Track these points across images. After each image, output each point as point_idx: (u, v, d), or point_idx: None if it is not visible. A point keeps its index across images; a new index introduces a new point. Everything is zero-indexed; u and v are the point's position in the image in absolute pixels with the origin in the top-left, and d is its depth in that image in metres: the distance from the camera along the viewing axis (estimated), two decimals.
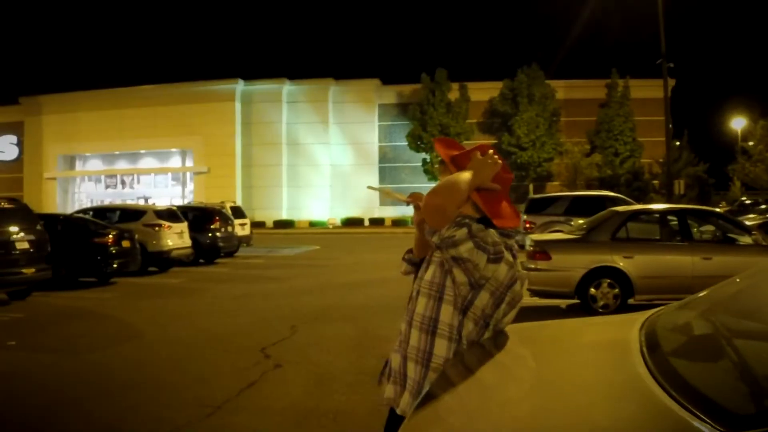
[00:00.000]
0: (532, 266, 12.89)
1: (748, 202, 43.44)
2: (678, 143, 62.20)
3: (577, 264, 12.69)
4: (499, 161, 3.20)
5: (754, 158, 61.44)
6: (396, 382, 3.23)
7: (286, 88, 67.27)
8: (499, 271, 3.00)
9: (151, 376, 8.76)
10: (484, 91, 63.87)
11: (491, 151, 3.24)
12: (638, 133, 61.30)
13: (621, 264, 12.60)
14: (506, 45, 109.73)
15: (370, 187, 4.19)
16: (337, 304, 14.77)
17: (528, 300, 13.56)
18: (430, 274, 3.18)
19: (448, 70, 62.21)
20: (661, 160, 58.02)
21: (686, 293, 12.37)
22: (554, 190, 51.03)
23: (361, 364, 9.16)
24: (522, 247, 14.62)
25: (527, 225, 24.17)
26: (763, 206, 36.27)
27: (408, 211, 62.14)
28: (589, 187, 50.52)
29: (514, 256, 3.10)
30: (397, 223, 61.23)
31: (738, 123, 67.45)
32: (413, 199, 3.39)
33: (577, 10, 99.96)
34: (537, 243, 13.35)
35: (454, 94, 62.11)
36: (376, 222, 62.84)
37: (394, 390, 3.22)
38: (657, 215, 14.12)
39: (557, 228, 22.18)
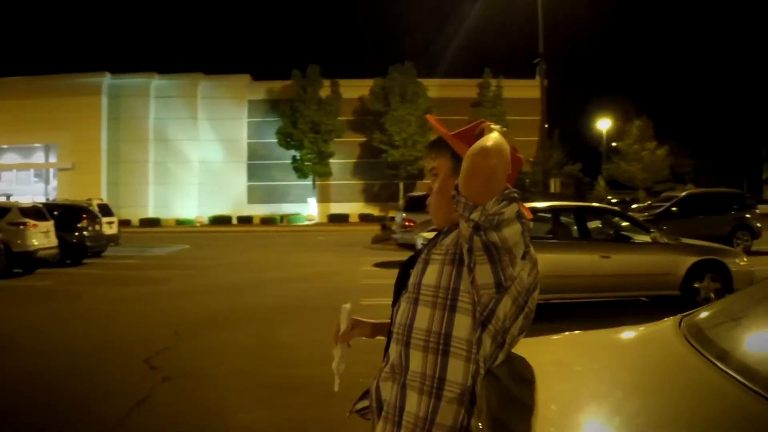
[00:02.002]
0: None
1: (614, 201, 44.57)
2: (548, 143, 63.58)
3: None
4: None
5: (629, 157, 63.23)
6: (389, 419, 2.42)
7: (155, 82, 65.56)
8: (526, 270, 2.29)
9: (30, 395, 7.73)
10: (356, 89, 63.79)
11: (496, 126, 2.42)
12: (511, 133, 62.14)
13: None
14: (379, 43, 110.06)
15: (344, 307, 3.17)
16: (222, 308, 13.95)
17: None
18: (432, 276, 2.39)
19: (320, 66, 61.82)
20: (531, 159, 59.14)
21: (584, 292, 12.22)
22: (425, 188, 50.85)
23: (261, 376, 8.42)
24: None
25: (407, 223, 23.87)
26: (641, 204, 37.02)
27: (275, 209, 61.76)
28: None
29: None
30: (267, 221, 60.43)
31: (604, 124, 69.18)
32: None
33: (452, 10, 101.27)
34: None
35: (325, 91, 61.98)
36: (245, 220, 61.75)
37: (387, 430, 2.41)
38: (554, 213, 13.90)
39: None
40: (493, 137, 2.19)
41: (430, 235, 13.96)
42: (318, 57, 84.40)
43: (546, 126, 33.26)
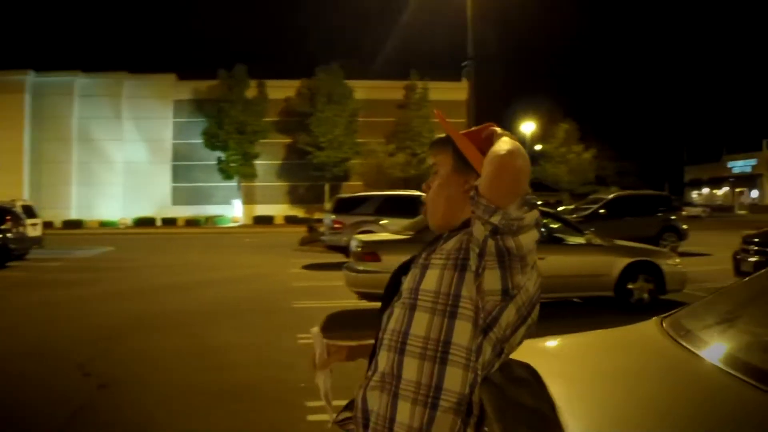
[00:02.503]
0: (361, 268, 12.37)
1: (538, 203, 45.09)
2: None
3: None
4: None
5: (555, 160, 63.87)
6: (377, 430, 2.30)
7: (79, 80, 64.44)
8: (532, 279, 2.18)
9: None
10: (283, 90, 63.59)
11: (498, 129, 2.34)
12: (436, 135, 62.45)
13: None
14: (306, 44, 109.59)
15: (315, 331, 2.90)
16: (153, 311, 13.65)
17: (355, 303, 13.14)
18: (432, 281, 2.27)
19: (247, 66, 61.34)
20: None
21: None
22: (351, 190, 50.86)
23: (200, 382, 8.22)
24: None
25: (336, 225, 23.76)
26: (567, 206, 37.43)
27: (200, 211, 61.17)
28: (395, 188, 50.87)
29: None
30: (191, 223, 59.82)
31: (528, 127, 69.83)
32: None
33: (379, 12, 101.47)
34: (366, 244, 12.81)
35: (252, 92, 61.56)
36: (169, 222, 60.98)
37: None
38: None
39: (367, 228, 21.77)
40: (512, 141, 2.14)
41: (365, 236, 13.95)
42: (245, 57, 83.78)
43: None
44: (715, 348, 2.52)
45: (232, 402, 7.25)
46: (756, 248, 15.46)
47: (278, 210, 64.01)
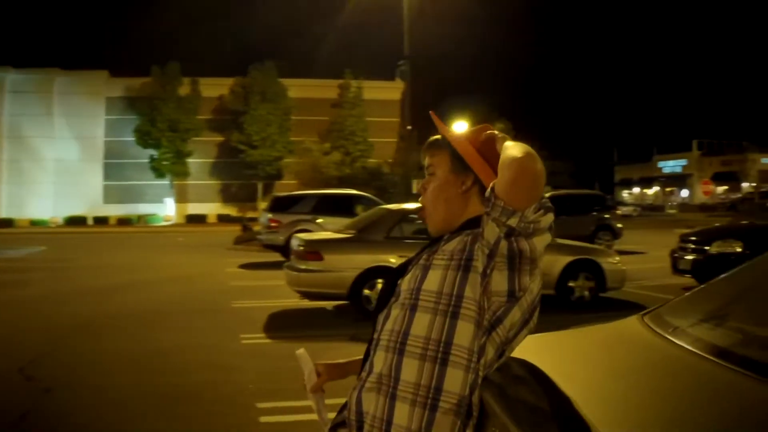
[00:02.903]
0: (303, 267, 12.33)
1: None
2: (406, 144, 64.32)
3: (350, 264, 12.20)
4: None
5: None
6: None
7: (10, 76, 63.15)
8: (536, 282, 2.23)
9: None
10: (216, 87, 63.13)
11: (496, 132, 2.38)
12: (370, 134, 62.58)
13: (396, 263, 12.25)
14: (240, 42, 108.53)
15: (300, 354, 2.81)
16: (91, 313, 13.37)
17: (296, 302, 13.10)
18: (435, 281, 2.27)
19: (180, 63, 60.67)
20: (390, 160, 59.66)
21: None
22: (284, 188, 50.54)
23: (149, 384, 8.08)
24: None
25: (272, 224, 23.64)
26: None
27: (132, 210, 60.42)
28: (329, 186, 50.71)
29: None
30: (123, 221, 59.01)
31: (460, 126, 70.05)
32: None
33: (314, 11, 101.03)
34: (308, 243, 12.75)
35: (185, 89, 60.89)
36: (101, 221, 60.01)
37: None
38: None
39: (304, 227, 21.72)
40: (522, 144, 2.14)
41: (307, 235, 13.91)
42: (178, 54, 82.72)
43: (409, 128, 33.51)
44: (709, 343, 2.50)
45: (182, 405, 7.15)
46: (693, 246, 15.79)
47: (211, 209, 63.53)
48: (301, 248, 12.61)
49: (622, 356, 2.79)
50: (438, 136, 2.57)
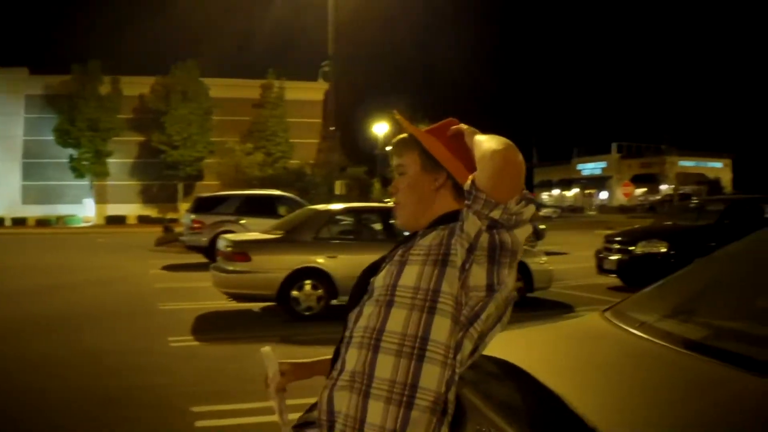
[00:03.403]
0: (231, 268, 12.22)
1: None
2: (325, 144, 64.17)
3: (279, 265, 12.13)
4: None
5: None
6: None
7: None
8: (512, 276, 2.19)
9: None
10: (137, 86, 62.15)
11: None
12: (291, 135, 62.36)
13: (325, 264, 12.24)
14: (162, 40, 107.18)
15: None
16: (17, 315, 12.99)
17: (223, 304, 12.96)
18: (411, 277, 2.24)
19: (101, 62, 59.48)
20: (311, 161, 59.54)
21: None
22: (205, 189, 49.97)
23: (82, 388, 7.84)
24: None
25: (195, 225, 23.36)
26: None
27: (51, 210, 59.15)
28: (251, 187, 50.33)
29: None
30: (42, 223, 57.56)
31: (380, 128, 69.95)
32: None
33: (237, 10, 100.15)
34: (236, 243, 12.62)
35: (106, 88, 59.73)
36: (19, 222, 58.36)
37: None
38: (359, 214, 14.05)
39: (228, 228, 21.50)
40: (498, 137, 2.17)
41: (234, 236, 13.74)
42: (99, 52, 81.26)
43: (333, 129, 33.46)
44: (681, 337, 2.55)
45: (116, 409, 6.96)
46: (618, 247, 16.10)
47: (131, 210, 62.53)
48: (229, 249, 12.47)
49: (595, 351, 2.82)
50: (404, 135, 2.56)
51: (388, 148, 2.64)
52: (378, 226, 13.72)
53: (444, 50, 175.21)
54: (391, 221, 13.87)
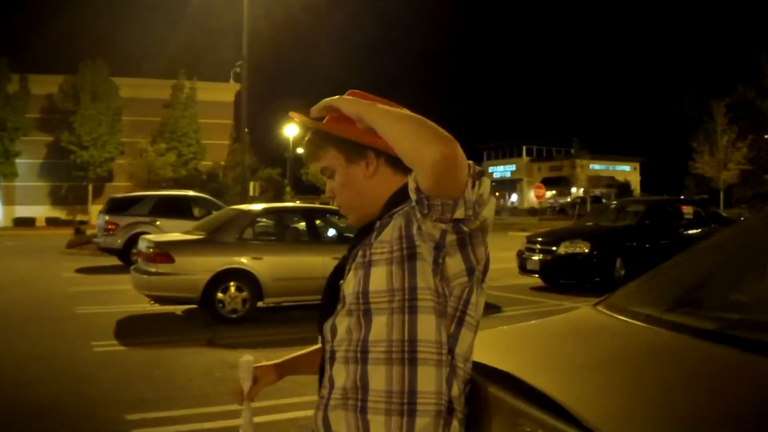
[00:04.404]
0: (153, 270, 11.90)
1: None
2: (238, 146, 63.70)
3: (203, 267, 11.90)
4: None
5: None
6: None
7: None
8: (486, 248, 2.05)
9: None
10: (46, 85, 60.48)
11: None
12: (202, 136, 61.76)
13: (250, 265, 12.07)
14: (71, 38, 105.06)
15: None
16: None
17: (142, 307, 12.69)
18: (381, 279, 2.05)
19: (8, 59, 57.84)
20: (223, 163, 59.11)
21: (317, 294, 12.43)
22: (116, 190, 48.92)
23: (15, 398, 7.51)
24: None
25: (109, 227, 22.86)
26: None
27: None
28: (163, 188, 49.62)
29: None
30: None
31: (291, 130, 69.62)
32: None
33: (149, 9, 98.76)
34: (158, 244, 12.31)
35: (14, 86, 58.00)
36: None
37: None
38: (284, 215, 13.97)
39: (143, 229, 21.08)
40: (397, 111, 1.99)
41: (156, 237, 13.44)
42: (6, 49, 78.93)
43: (246, 130, 33.13)
44: (698, 328, 2.52)
45: (48, 419, 6.68)
46: (540, 247, 16.27)
47: (40, 211, 60.92)
48: (151, 250, 12.17)
49: (605, 346, 2.73)
50: (308, 138, 2.35)
51: (303, 154, 2.49)
52: (302, 227, 13.57)
53: (355, 50, 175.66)
54: (317, 221, 13.80)
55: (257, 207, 14.16)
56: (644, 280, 3.31)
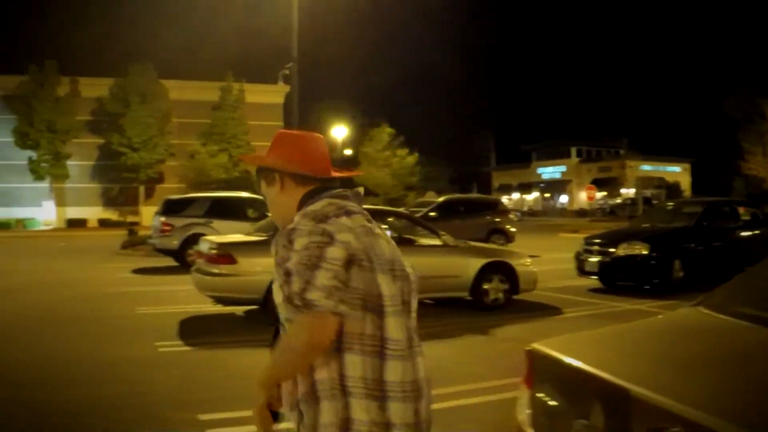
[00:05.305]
0: (215, 271, 11.85)
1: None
2: None
3: (265, 268, 11.74)
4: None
5: (379, 164, 63.86)
6: None
7: None
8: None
9: None
10: (95, 88, 60.86)
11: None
12: (251, 138, 61.84)
13: None
14: (120, 41, 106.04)
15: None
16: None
17: (200, 308, 12.65)
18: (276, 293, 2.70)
19: (58, 62, 58.40)
20: None
21: None
22: (166, 192, 49.08)
23: (92, 397, 7.48)
24: None
25: (165, 228, 22.92)
26: None
27: (8, 213, 58.05)
28: (212, 190, 49.78)
29: None
30: (1, 226, 56.15)
31: (339, 131, 69.63)
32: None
33: (197, 11, 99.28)
34: (220, 245, 12.25)
35: (64, 89, 58.54)
36: None
37: None
38: None
39: (199, 231, 21.11)
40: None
41: (218, 238, 13.39)
42: (57, 53, 79.66)
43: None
44: None
45: (124, 420, 6.65)
46: (598, 248, 16.05)
47: (91, 213, 61.51)
48: (213, 251, 12.10)
49: (718, 345, 2.75)
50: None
51: None
52: None
53: (405, 55, 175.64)
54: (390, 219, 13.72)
55: None
56: (740, 280, 3.31)
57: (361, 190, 2.88)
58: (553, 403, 3.02)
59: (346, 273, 2.45)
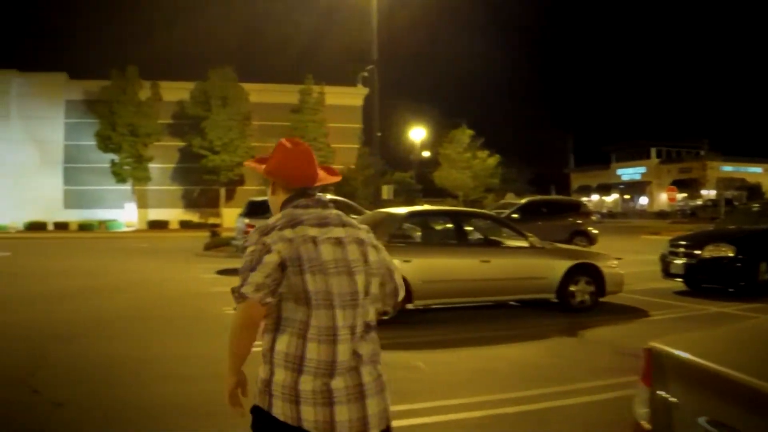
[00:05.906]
0: None
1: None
2: (368, 150, 63.68)
3: None
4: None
5: (459, 165, 63.72)
6: None
7: None
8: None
9: None
10: (176, 91, 61.85)
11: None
12: (331, 140, 62.08)
13: (400, 268, 11.92)
14: (201, 45, 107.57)
15: None
16: (73, 318, 12.79)
17: None
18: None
19: (139, 66, 59.43)
20: (353, 167, 59.25)
21: (465, 296, 12.09)
22: (247, 194, 49.41)
23: (169, 395, 7.54)
24: None
25: (249, 229, 23.13)
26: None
27: (92, 215, 59.15)
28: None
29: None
30: (84, 227, 57.44)
31: (418, 133, 69.58)
32: None
33: (276, 15, 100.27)
34: None
35: (145, 93, 59.53)
36: (61, 226, 58.25)
37: None
38: (431, 218, 13.92)
39: None
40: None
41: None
42: (138, 57, 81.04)
43: (379, 134, 33.18)
44: None
45: (216, 410, 6.62)
46: (683, 250, 15.82)
47: (172, 214, 62.49)
48: None
49: None
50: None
51: None
52: (449, 229, 13.49)
53: (486, 58, 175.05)
54: (463, 224, 13.69)
55: (404, 210, 14.09)
56: None
57: (328, 195, 3.64)
58: (674, 400, 3.00)
59: (282, 273, 3.10)
